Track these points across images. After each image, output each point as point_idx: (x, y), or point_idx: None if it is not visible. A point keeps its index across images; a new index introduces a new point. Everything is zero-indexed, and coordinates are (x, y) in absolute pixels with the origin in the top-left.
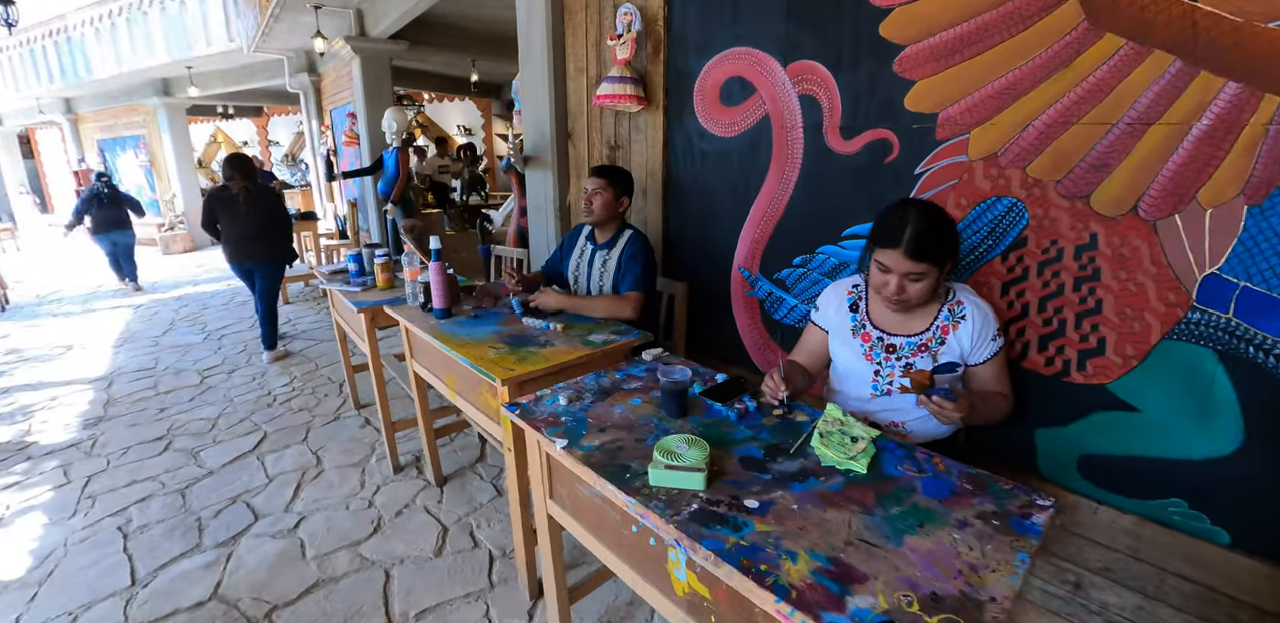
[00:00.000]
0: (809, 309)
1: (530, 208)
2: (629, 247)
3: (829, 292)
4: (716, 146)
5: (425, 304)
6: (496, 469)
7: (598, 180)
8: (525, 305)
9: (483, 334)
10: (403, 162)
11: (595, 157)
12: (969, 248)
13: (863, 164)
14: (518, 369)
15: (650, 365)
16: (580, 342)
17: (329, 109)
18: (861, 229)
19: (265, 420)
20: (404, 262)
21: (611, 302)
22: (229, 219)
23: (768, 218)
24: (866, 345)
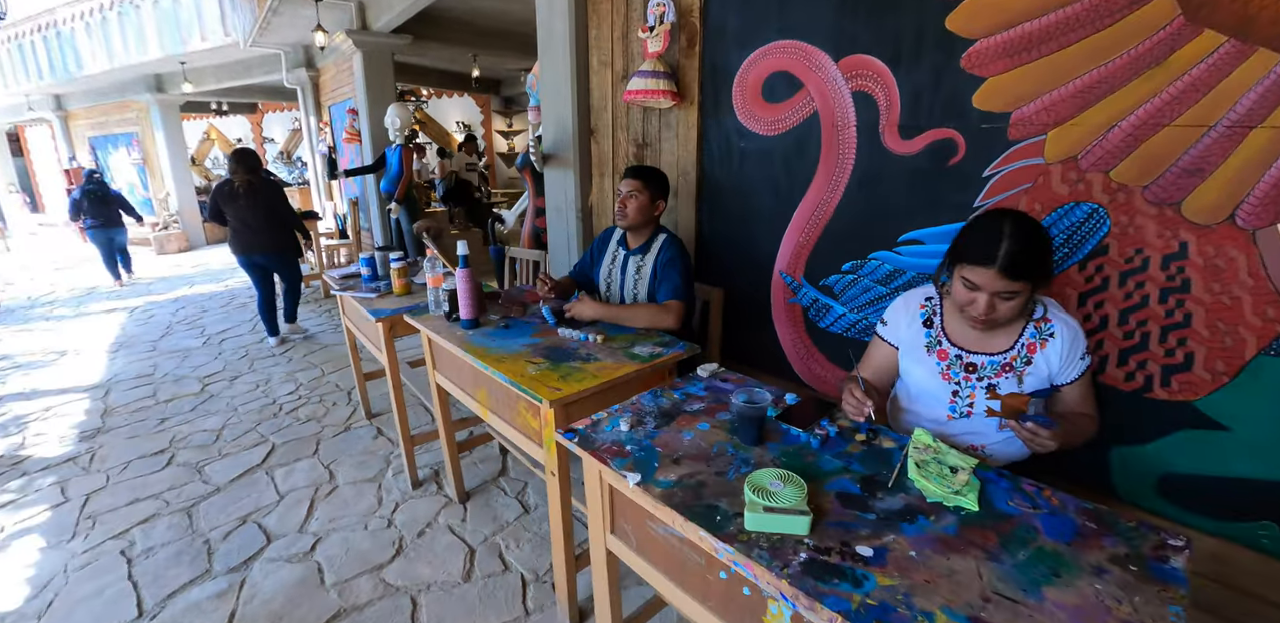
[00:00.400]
0: (857, 317)
1: (549, 209)
2: (665, 252)
3: (898, 305)
4: (757, 145)
5: (451, 313)
6: (521, 483)
7: (633, 182)
8: (558, 314)
9: (517, 347)
10: (406, 159)
11: (621, 155)
12: None
13: (923, 166)
14: (564, 389)
15: (709, 383)
16: (625, 355)
17: (327, 105)
18: (920, 234)
19: (272, 432)
20: (426, 267)
21: (653, 311)
22: (233, 212)
23: (814, 221)
24: (943, 364)
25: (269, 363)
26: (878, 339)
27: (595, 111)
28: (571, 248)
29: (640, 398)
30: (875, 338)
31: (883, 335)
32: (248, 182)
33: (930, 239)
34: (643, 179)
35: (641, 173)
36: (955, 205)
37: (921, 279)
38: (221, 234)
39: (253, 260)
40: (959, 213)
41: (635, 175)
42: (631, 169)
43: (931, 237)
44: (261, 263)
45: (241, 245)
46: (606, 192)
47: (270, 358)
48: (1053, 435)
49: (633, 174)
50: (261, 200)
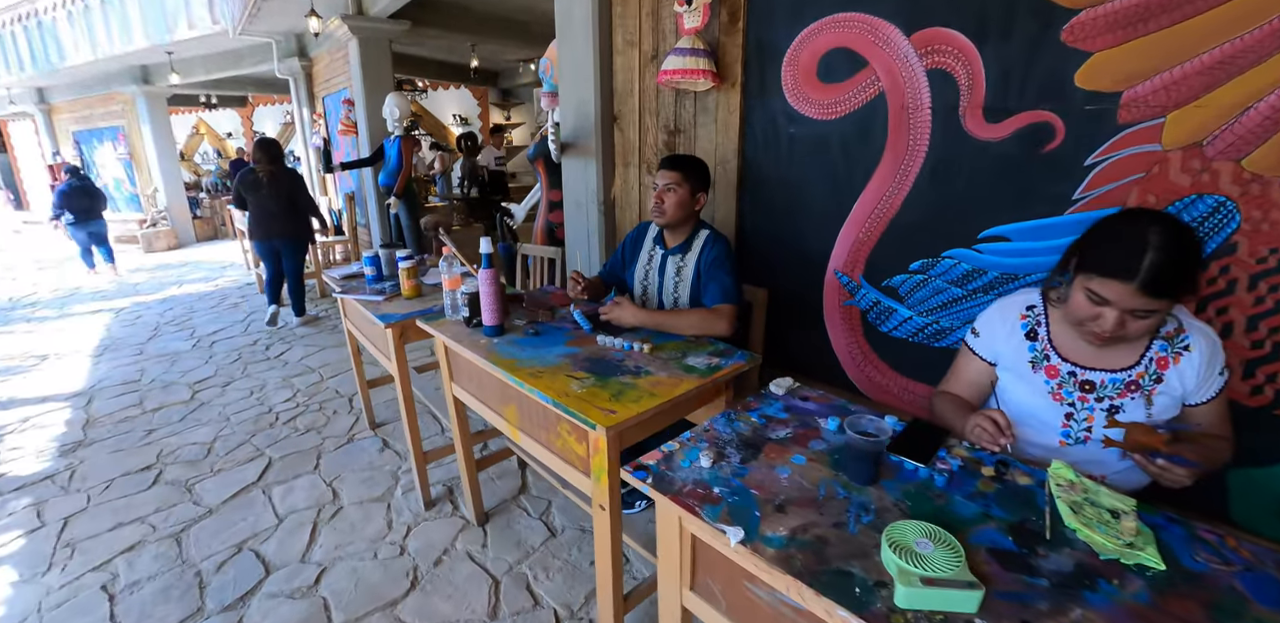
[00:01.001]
0: (926, 322)
1: (567, 202)
2: (709, 250)
3: (993, 314)
4: (811, 130)
5: (471, 319)
6: (544, 502)
7: (670, 173)
8: (593, 319)
9: (552, 358)
10: (406, 151)
11: (649, 143)
12: None
13: (1011, 152)
14: (621, 412)
15: (788, 403)
16: (679, 368)
17: (321, 96)
18: (1006, 229)
19: (268, 445)
20: (442, 267)
21: (704, 317)
22: (254, 199)
23: (878, 214)
24: (1053, 383)
25: (263, 368)
26: (968, 352)
27: (620, 95)
28: (592, 244)
29: (714, 424)
30: (964, 351)
31: (975, 349)
32: (270, 171)
33: (1018, 235)
34: (681, 170)
35: (680, 163)
36: (1050, 197)
37: (1004, 280)
38: (212, 231)
39: (272, 245)
40: (1054, 206)
41: (673, 166)
42: (669, 159)
43: (1019, 233)
44: (279, 247)
45: (262, 231)
46: (632, 183)
47: (265, 362)
48: (1190, 473)
49: (670, 164)
50: (283, 189)
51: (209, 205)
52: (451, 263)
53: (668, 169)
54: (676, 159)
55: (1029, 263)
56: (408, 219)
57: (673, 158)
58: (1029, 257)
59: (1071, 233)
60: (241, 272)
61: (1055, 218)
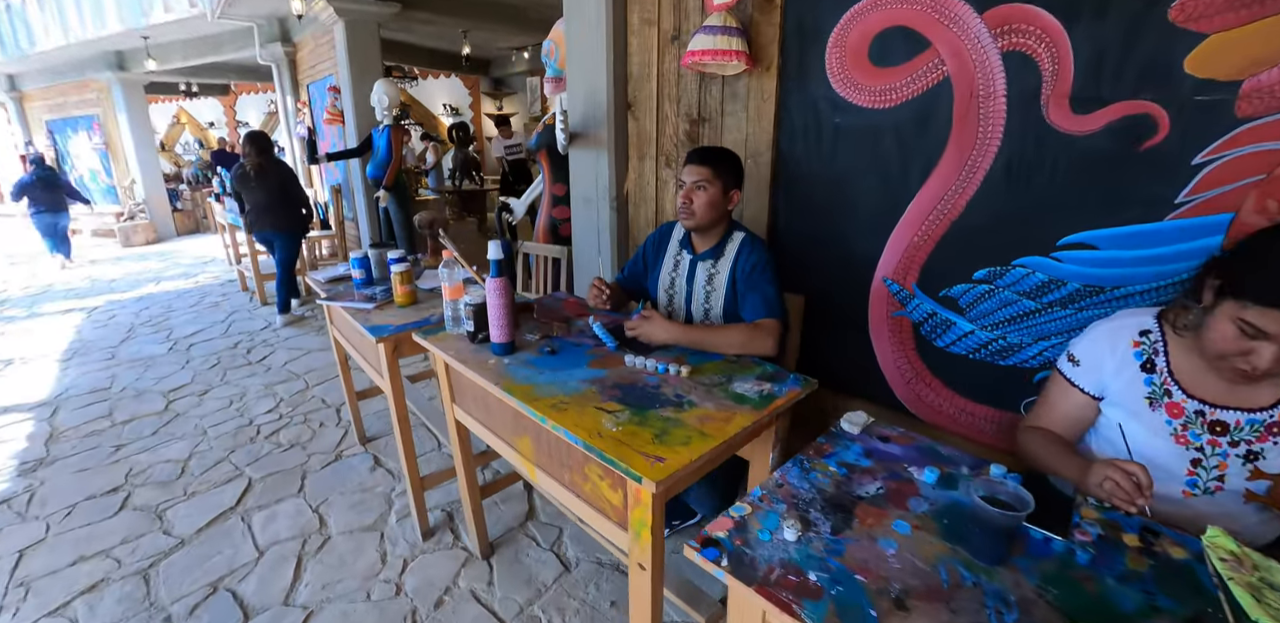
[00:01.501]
0: (990, 337)
1: (575, 197)
2: (747, 255)
3: (1096, 340)
4: (859, 120)
5: (476, 333)
6: (554, 531)
7: (700, 169)
8: (617, 334)
9: (575, 384)
10: (396, 141)
11: (668, 133)
12: None
13: (1103, 148)
14: (671, 459)
15: (869, 446)
16: (726, 397)
17: (305, 83)
18: (1091, 236)
19: (248, 462)
20: (442, 273)
21: (747, 334)
22: (247, 192)
23: (938, 216)
24: (1176, 423)
25: (243, 374)
26: (1064, 383)
27: (635, 80)
28: (602, 243)
29: (787, 477)
30: (1058, 381)
31: (1074, 380)
32: (258, 164)
33: (1106, 243)
34: (712, 165)
35: (710, 157)
36: (1147, 200)
37: (1087, 293)
38: (193, 224)
39: (265, 236)
40: (1151, 210)
41: (702, 160)
42: (697, 152)
43: (1108, 240)
44: (269, 236)
45: (255, 223)
46: (647, 177)
47: (245, 367)
48: None
49: (699, 159)
50: (272, 181)
51: (190, 198)
52: (453, 269)
53: (696, 164)
54: (706, 152)
55: (1118, 274)
56: (398, 214)
57: (702, 151)
58: (1118, 267)
59: (1173, 241)
60: (223, 267)
61: (1153, 224)
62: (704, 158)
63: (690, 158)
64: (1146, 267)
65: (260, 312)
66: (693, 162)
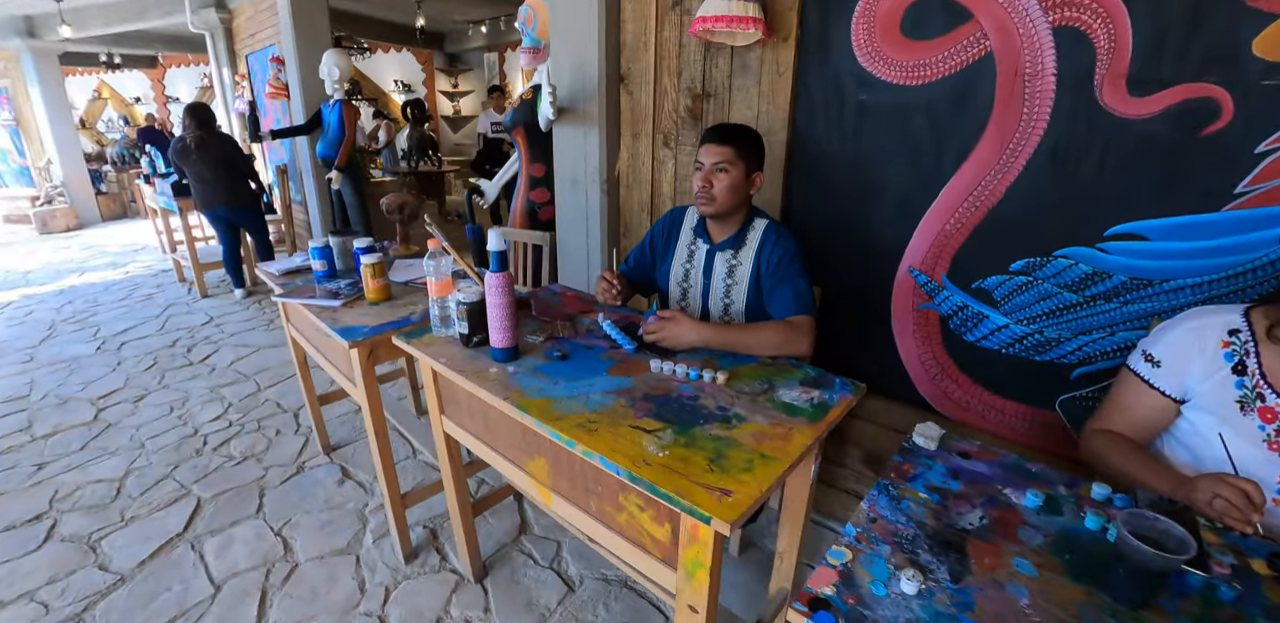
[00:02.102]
0: (1025, 332)
1: (560, 179)
2: (774, 245)
3: (1181, 338)
4: (888, 98)
5: (471, 337)
6: (551, 545)
7: (721, 150)
8: (631, 333)
9: (599, 396)
10: (349, 117)
11: (668, 109)
12: None
13: (1159, 133)
14: (739, 492)
15: (953, 464)
16: (776, 408)
17: (244, 54)
18: (1142, 227)
19: (195, 479)
20: (427, 267)
21: (783, 333)
22: (190, 167)
23: (973, 203)
24: (1270, 428)
25: (184, 376)
26: (1140, 385)
27: (629, 50)
28: (591, 230)
29: (878, 509)
30: (1132, 382)
31: (1152, 381)
32: (199, 136)
33: (1158, 234)
34: (735, 145)
35: (732, 136)
36: (1203, 190)
37: (1133, 286)
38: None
39: (217, 214)
40: (1208, 200)
41: (723, 139)
42: (718, 130)
43: (1160, 230)
44: (226, 216)
45: (203, 200)
46: (642, 157)
47: (186, 368)
48: None
49: (720, 138)
50: (215, 154)
51: (115, 180)
52: (439, 261)
53: (717, 144)
54: (728, 131)
55: (1168, 267)
56: (353, 197)
57: (722, 129)
58: (1169, 260)
59: (1229, 233)
60: (155, 256)
61: (1209, 215)
62: (725, 136)
63: (709, 136)
64: (1199, 259)
65: (201, 305)
66: (712, 141)
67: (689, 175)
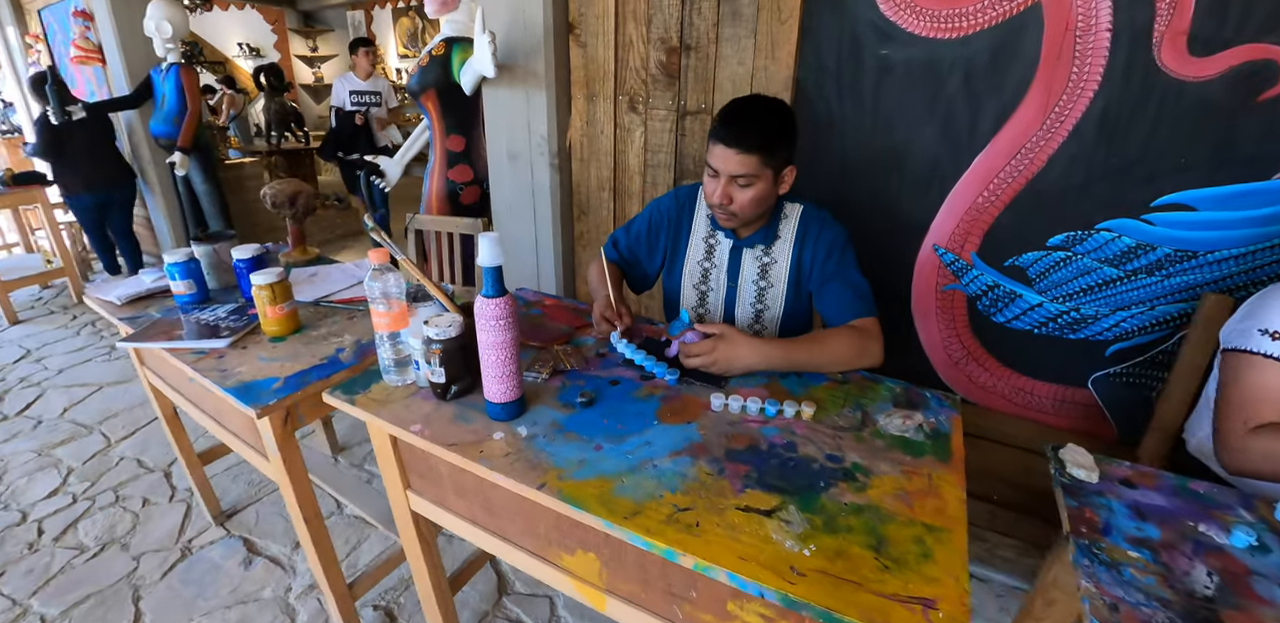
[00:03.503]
0: (1059, 310)
1: (494, 153)
2: (817, 234)
3: None
4: (915, 53)
5: (449, 387)
6: (544, 605)
7: (745, 159)
8: (655, 351)
9: (668, 462)
10: (189, 85)
11: (634, 65)
12: None
13: (1217, 97)
14: (941, 595)
15: (1131, 500)
16: (890, 446)
17: (35, 8)
18: (1190, 197)
19: (33, 589)
20: (369, 289)
21: (856, 344)
22: (67, 150)
23: (1011, 172)
24: None
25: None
26: (1271, 363)
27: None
28: (540, 214)
29: (1102, 585)
30: (1266, 364)
31: None
32: (74, 112)
33: (1207, 204)
34: (763, 150)
35: (757, 136)
36: (1252, 158)
37: (1177, 258)
38: None
39: (96, 201)
40: (1259, 168)
41: (745, 143)
42: (735, 125)
43: (1210, 200)
44: (104, 201)
45: (84, 186)
46: (600, 123)
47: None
48: None
49: (738, 139)
50: (94, 129)
51: None
52: (387, 280)
53: (738, 151)
54: (750, 128)
55: (1214, 237)
56: (206, 184)
57: (742, 125)
58: (1216, 230)
59: (1277, 202)
60: None
61: (1260, 184)
62: (747, 138)
63: (723, 134)
64: (1246, 229)
65: (10, 335)
66: (729, 143)
67: (663, 146)
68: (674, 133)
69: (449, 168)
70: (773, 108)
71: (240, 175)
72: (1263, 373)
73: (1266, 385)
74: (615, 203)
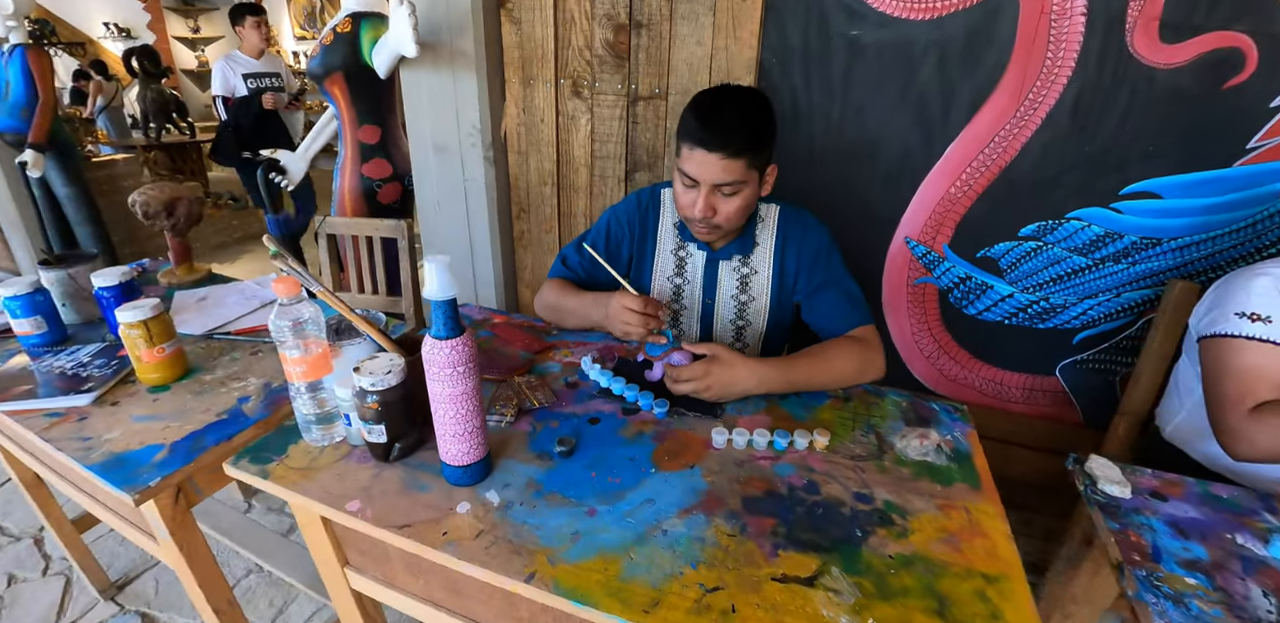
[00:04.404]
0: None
1: (417, 145)
2: (800, 237)
3: (1264, 287)
4: (887, 35)
5: (390, 447)
6: None
7: (732, 165)
8: (632, 375)
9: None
10: (39, 69)
11: (577, 43)
12: None
13: (1185, 84)
14: None
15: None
16: (917, 475)
17: None
18: (1157, 185)
19: None
20: (279, 331)
21: (859, 357)
22: None
23: (984, 161)
24: None
25: None
26: (1260, 346)
27: None
28: (474, 213)
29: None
30: (1251, 348)
31: (1272, 338)
32: None
33: (1172, 191)
34: (749, 152)
35: (742, 138)
36: (1216, 145)
37: (1143, 246)
38: None
39: None
40: (1221, 155)
41: (730, 147)
42: (716, 125)
43: (1174, 188)
44: None
45: None
46: (540, 110)
47: None
48: None
49: (723, 143)
50: None
51: None
52: (299, 316)
53: (726, 155)
54: (734, 129)
55: (1179, 224)
56: (68, 187)
57: (724, 123)
58: (1180, 217)
59: (1237, 189)
60: None
61: (1221, 171)
62: (731, 138)
63: (704, 138)
64: (1208, 215)
65: None
66: (712, 146)
67: (612, 135)
68: (624, 120)
69: (363, 162)
70: (752, 99)
71: (113, 174)
72: (1250, 355)
73: (1257, 366)
74: (560, 199)
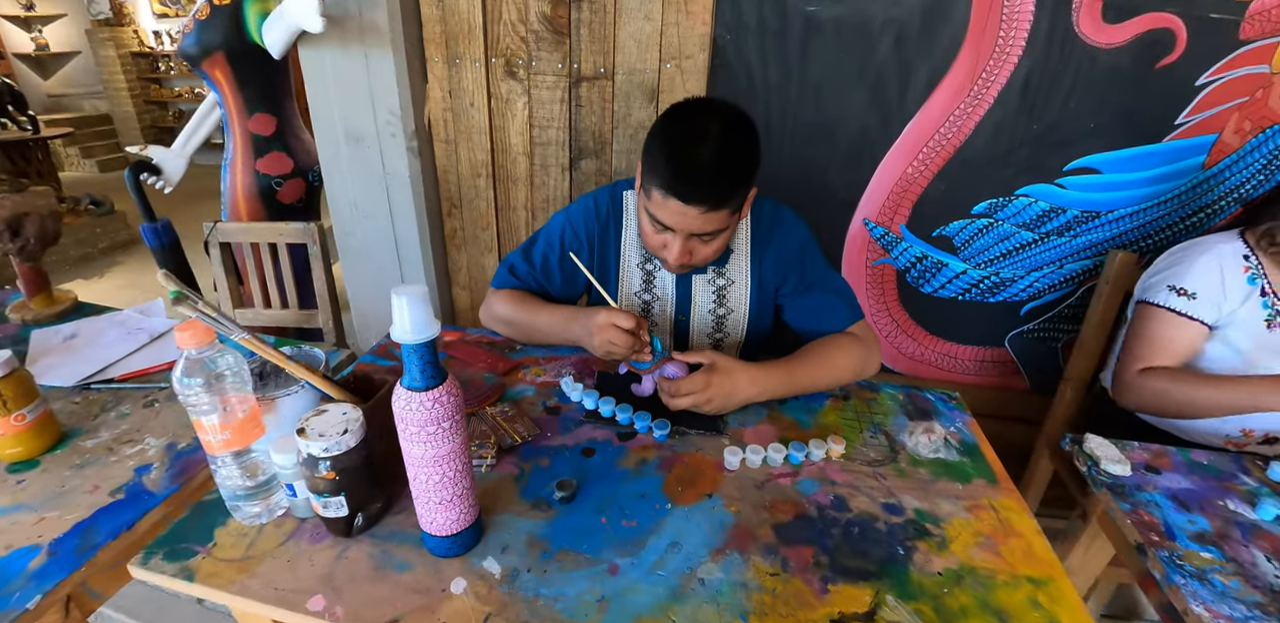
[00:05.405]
0: (981, 276)
1: (324, 137)
2: (782, 238)
3: (1205, 268)
4: (842, 12)
5: (355, 517)
6: None
7: (712, 216)
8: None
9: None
10: None
11: (509, 17)
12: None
13: (1123, 64)
14: None
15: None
16: (939, 476)
17: None
18: (1097, 160)
19: None
20: (186, 389)
21: (856, 354)
22: None
23: (940, 141)
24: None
25: None
26: (1177, 320)
27: None
28: (398, 212)
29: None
30: (1168, 319)
31: (1188, 313)
32: None
33: (1110, 167)
34: (732, 201)
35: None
36: (1149, 121)
37: (1084, 219)
38: None
39: None
40: (1152, 132)
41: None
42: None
43: (1112, 163)
44: None
45: None
46: (468, 93)
47: None
48: None
49: (706, 195)
50: None
51: None
52: (214, 368)
53: (701, 208)
54: (713, 174)
55: (1115, 198)
56: None
57: (703, 172)
58: (1117, 191)
59: (1166, 163)
60: None
61: (1152, 146)
62: (712, 190)
63: (682, 191)
64: (1140, 189)
65: None
66: (691, 200)
67: (553, 120)
68: (567, 103)
69: (257, 157)
70: (737, 132)
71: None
72: (1165, 325)
73: (1166, 337)
74: (496, 192)
